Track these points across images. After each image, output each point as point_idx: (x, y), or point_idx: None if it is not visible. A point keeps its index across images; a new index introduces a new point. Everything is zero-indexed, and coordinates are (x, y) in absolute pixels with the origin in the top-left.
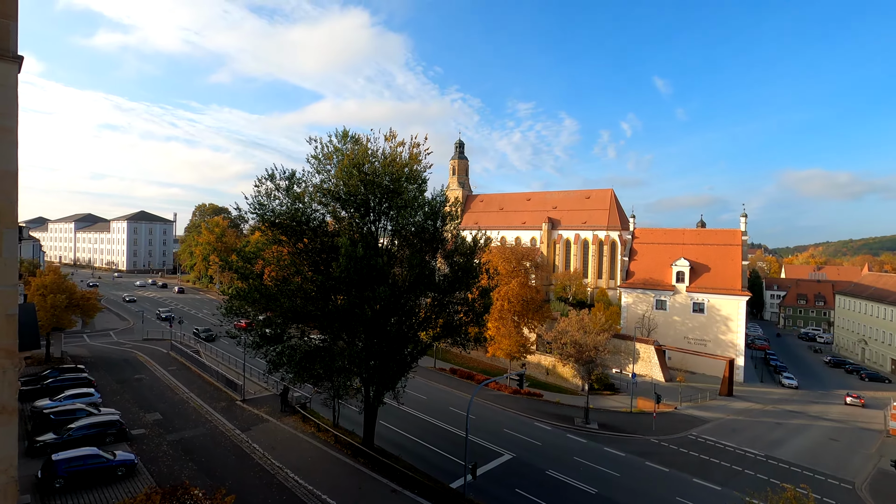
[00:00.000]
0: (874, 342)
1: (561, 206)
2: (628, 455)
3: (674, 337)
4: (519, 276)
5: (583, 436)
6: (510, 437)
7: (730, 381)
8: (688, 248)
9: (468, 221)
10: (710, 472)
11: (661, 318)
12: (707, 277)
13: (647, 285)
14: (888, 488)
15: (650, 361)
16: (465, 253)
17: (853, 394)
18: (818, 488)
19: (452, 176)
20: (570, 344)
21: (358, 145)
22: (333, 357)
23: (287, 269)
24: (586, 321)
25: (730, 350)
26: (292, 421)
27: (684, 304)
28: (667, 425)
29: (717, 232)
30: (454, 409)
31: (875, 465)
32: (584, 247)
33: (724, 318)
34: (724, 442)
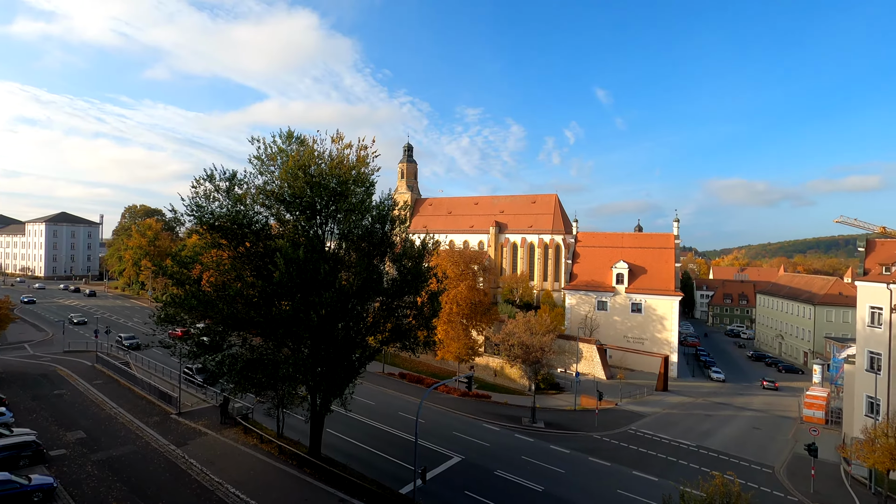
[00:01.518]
0: (789, 337)
1: (508, 210)
2: (573, 452)
3: (614, 336)
4: (467, 280)
5: (530, 435)
6: (459, 440)
7: (665, 376)
8: (626, 252)
9: (417, 225)
10: (648, 464)
11: (603, 318)
12: (644, 279)
13: (589, 287)
14: (802, 470)
15: (593, 360)
16: (413, 257)
17: (766, 379)
18: (743, 474)
19: (401, 179)
20: (518, 345)
21: (303, 146)
22: (277, 365)
23: (227, 273)
24: (532, 323)
25: (665, 347)
26: (233, 433)
27: (623, 305)
28: (608, 421)
29: (653, 236)
30: (404, 413)
31: (791, 450)
32: (531, 250)
33: (659, 318)
34: (661, 435)
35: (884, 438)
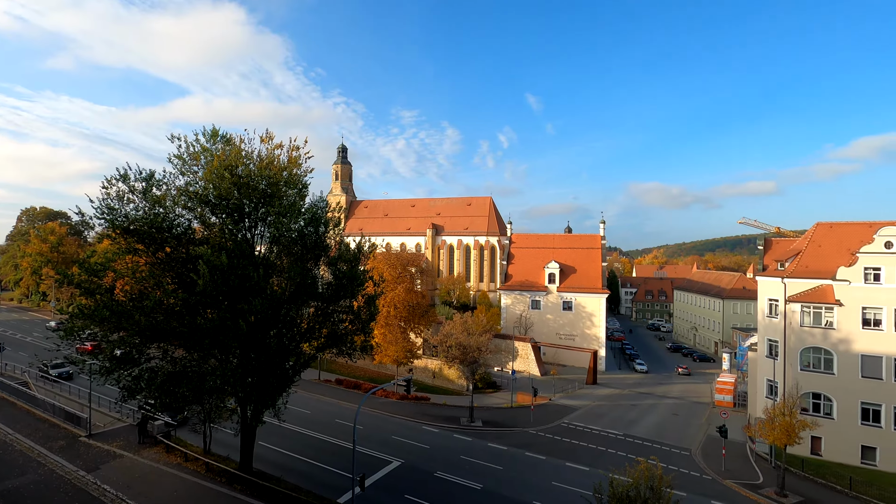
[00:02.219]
0: (702, 328)
1: (444, 212)
2: (510, 448)
3: (547, 334)
4: (405, 282)
5: (468, 434)
6: (399, 444)
7: (594, 370)
8: (557, 252)
9: (352, 228)
10: (580, 455)
11: (537, 316)
12: (574, 278)
13: (523, 287)
14: (715, 451)
15: (528, 358)
16: (349, 260)
17: (681, 366)
18: (664, 458)
19: (335, 181)
20: (455, 346)
21: (230, 146)
22: (203, 377)
23: (145, 281)
24: (469, 323)
25: (594, 343)
26: (154, 453)
27: (556, 303)
28: (543, 416)
29: (582, 237)
30: (341, 420)
31: (705, 433)
32: (467, 252)
33: (588, 315)
34: (591, 426)
35: (781, 417)
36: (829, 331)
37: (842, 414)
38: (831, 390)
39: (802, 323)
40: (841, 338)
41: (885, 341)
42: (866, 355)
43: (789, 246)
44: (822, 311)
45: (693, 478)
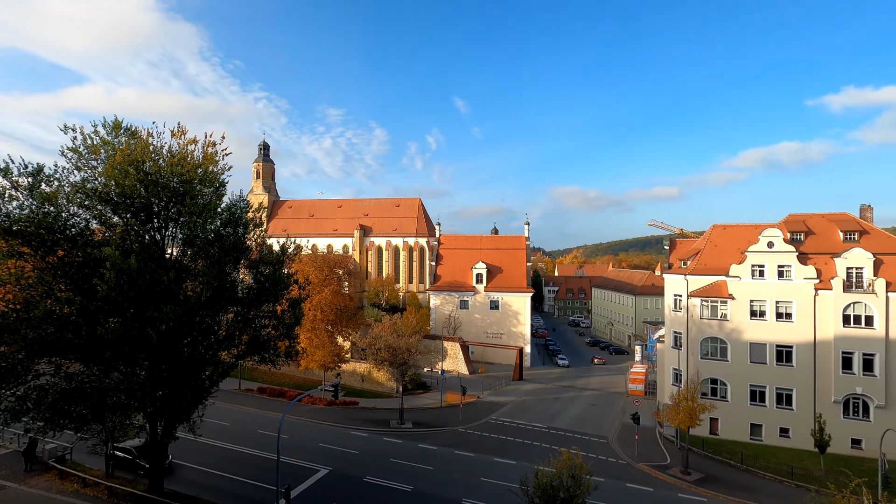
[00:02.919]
0: (617, 323)
1: (372, 213)
2: (440, 448)
3: (475, 333)
4: (332, 285)
5: (399, 436)
6: (326, 451)
7: (520, 367)
8: (485, 253)
9: (276, 229)
10: (507, 449)
11: (465, 316)
12: (500, 278)
13: (452, 287)
14: (629, 437)
15: (457, 357)
16: (272, 262)
17: (597, 358)
18: (585, 447)
19: (257, 180)
20: (385, 349)
21: (136, 139)
22: (105, 393)
23: (32, 289)
24: (399, 325)
25: (520, 340)
26: (44, 481)
27: (483, 303)
28: (472, 414)
29: (507, 238)
30: (264, 431)
31: (620, 420)
32: (396, 253)
33: (514, 313)
34: (518, 421)
35: (685, 402)
36: (724, 322)
37: (735, 396)
38: (726, 375)
39: (702, 316)
40: (733, 328)
41: (768, 330)
42: (754, 343)
43: (691, 246)
44: (718, 305)
45: (610, 463)
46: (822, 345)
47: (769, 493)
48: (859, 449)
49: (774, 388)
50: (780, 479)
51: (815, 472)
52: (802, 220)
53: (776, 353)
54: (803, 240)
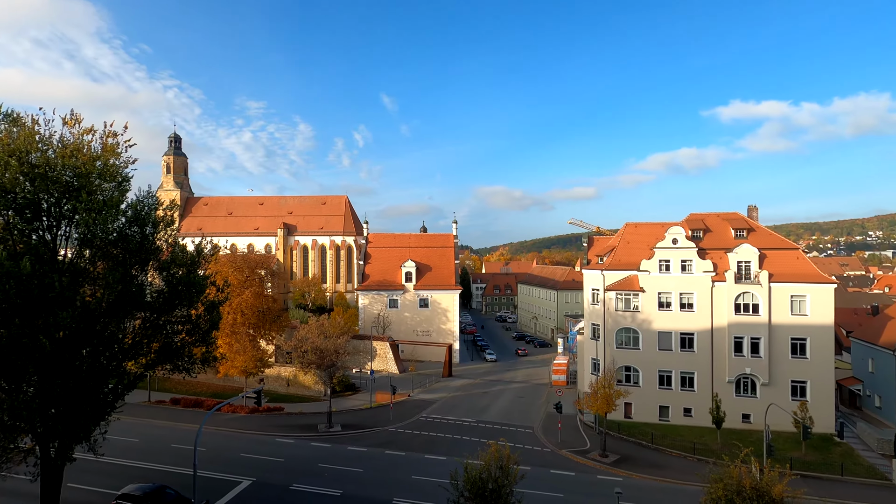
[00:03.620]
0: (542, 317)
1: (297, 211)
2: (370, 449)
3: (405, 331)
4: (253, 286)
5: (327, 440)
6: (249, 461)
7: (449, 363)
8: (414, 251)
9: (190, 227)
10: (438, 446)
11: (395, 315)
12: (429, 276)
13: (381, 286)
14: (553, 425)
15: (386, 357)
16: (185, 264)
17: (520, 349)
18: (512, 438)
19: (167, 175)
20: (311, 351)
21: (18, 126)
22: None
23: None
24: (326, 326)
25: (449, 337)
26: None
27: (413, 301)
28: (402, 413)
29: (436, 236)
30: (179, 445)
31: (545, 411)
32: (322, 252)
33: (443, 311)
34: (448, 417)
35: (602, 389)
36: (636, 314)
37: (645, 382)
38: (638, 363)
39: (617, 308)
40: (644, 319)
41: (674, 320)
42: (661, 332)
43: (606, 243)
44: (631, 298)
45: (536, 452)
46: (717, 331)
47: (675, 468)
48: (749, 423)
49: (679, 373)
50: (684, 455)
51: (712, 445)
52: (701, 218)
53: (680, 340)
54: (702, 237)
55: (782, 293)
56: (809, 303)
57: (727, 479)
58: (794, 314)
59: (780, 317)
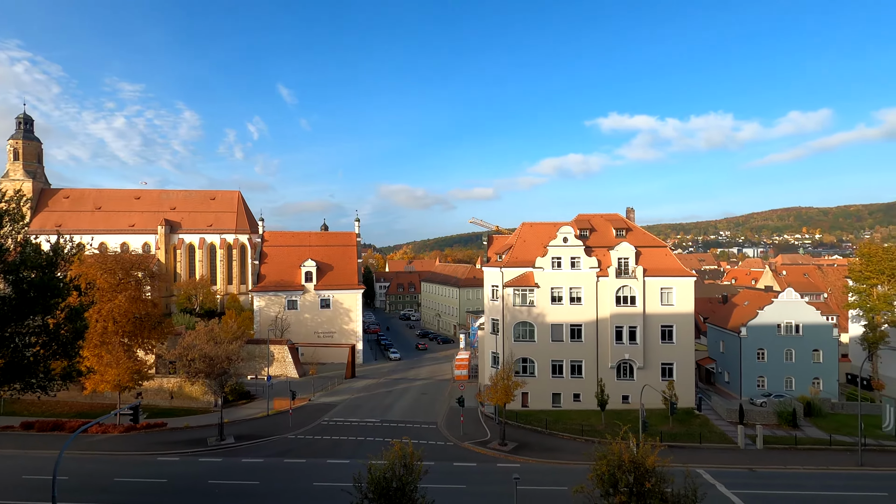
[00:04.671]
0: (444, 314)
1: (182, 206)
2: (268, 459)
3: (305, 333)
4: (128, 290)
5: (218, 454)
6: (126, 486)
7: (352, 364)
8: (314, 250)
9: (46, 223)
10: (340, 449)
11: (294, 317)
12: (331, 275)
13: (278, 287)
14: (455, 420)
15: (285, 361)
16: (39, 265)
17: (420, 344)
18: (416, 435)
19: (14, 162)
20: (199, 359)
21: None
22: None
23: None
24: (217, 331)
25: (352, 337)
26: None
27: (313, 302)
28: (303, 419)
29: (338, 234)
30: (32, 476)
31: (448, 405)
32: (212, 251)
33: (346, 311)
34: (351, 419)
35: (502, 381)
36: (532, 308)
37: (540, 371)
38: (533, 354)
39: (514, 303)
40: (539, 312)
41: (565, 312)
42: (554, 324)
43: (505, 241)
44: (527, 293)
45: (439, 447)
46: (602, 322)
47: (567, 450)
48: (628, 403)
49: (569, 362)
50: (574, 437)
51: (598, 426)
52: (588, 219)
53: (570, 331)
54: (588, 236)
55: (654, 286)
56: (675, 294)
57: (610, 456)
58: (663, 304)
59: (652, 307)
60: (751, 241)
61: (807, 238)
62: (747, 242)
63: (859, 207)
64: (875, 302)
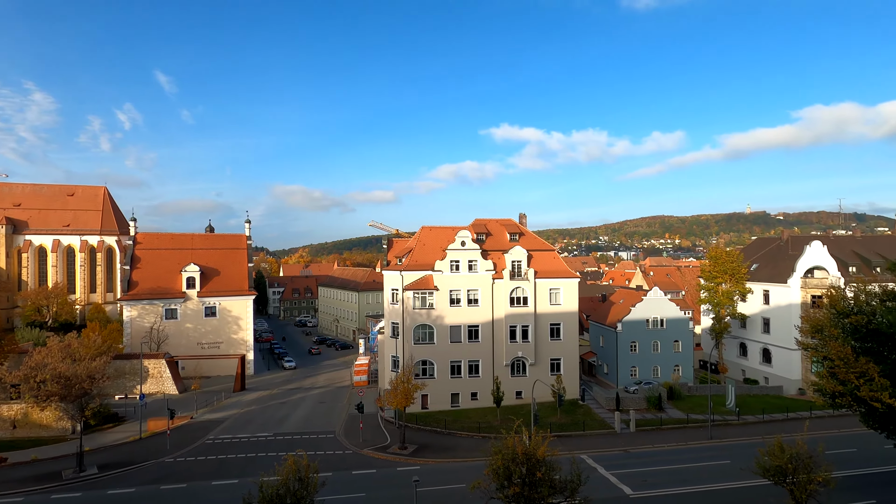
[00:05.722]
0: (343, 319)
1: (29, 203)
2: (140, 488)
3: (187, 345)
4: None
5: (77, 488)
6: None
7: (242, 376)
8: (198, 253)
9: None
10: (228, 469)
11: (173, 327)
12: (217, 281)
13: (154, 295)
14: (354, 427)
15: (162, 377)
16: None
17: (314, 349)
18: (313, 446)
19: None
20: (52, 380)
21: None
22: None
23: None
24: (76, 346)
25: (241, 347)
26: None
27: (196, 310)
28: (183, 439)
29: (225, 236)
30: None
31: (347, 412)
32: (69, 255)
33: (235, 319)
34: (240, 435)
35: (402, 384)
36: (431, 310)
37: (440, 373)
38: (433, 356)
39: (414, 306)
40: (438, 315)
41: (463, 314)
42: (453, 326)
43: (405, 245)
44: (427, 296)
45: (338, 456)
46: (497, 322)
47: (465, 448)
48: (521, 398)
49: (467, 362)
50: (471, 434)
51: (494, 422)
52: (484, 224)
53: (468, 332)
54: (485, 240)
55: (544, 287)
56: (563, 294)
57: (504, 450)
58: (552, 304)
59: (542, 307)
60: (625, 245)
61: (669, 243)
62: (622, 246)
63: (708, 217)
64: (720, 298)
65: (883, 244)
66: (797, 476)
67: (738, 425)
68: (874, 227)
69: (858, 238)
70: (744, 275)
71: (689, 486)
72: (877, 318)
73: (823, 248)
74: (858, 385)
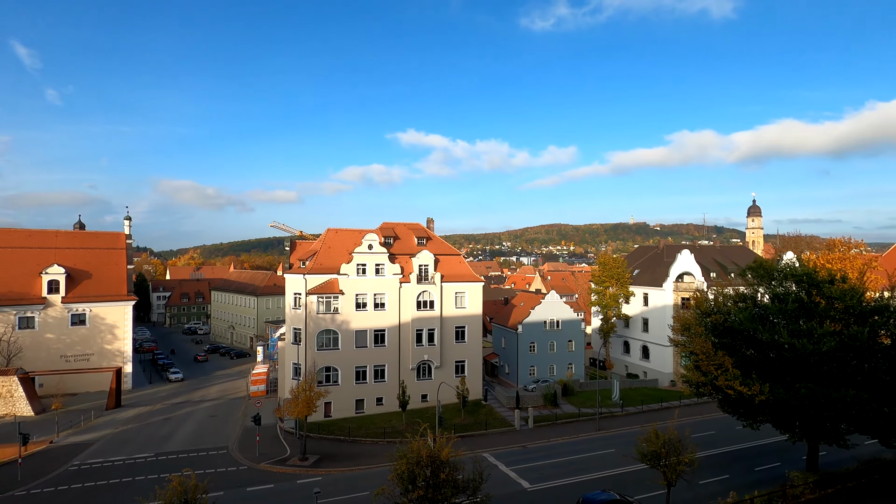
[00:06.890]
0: (239, 326)
1: None
2: None
3: (48, 359)
4: None
5: None
6: None
7: (117, 391)
8: (63, 253)
9: None
10: (96, 499)
11: (29, 338)
12: (88, 285)
13: (4, 301)
14: (250, 440)
15: (12, 396)
16: None
17: (199, 355)
18: (201, 464)
19: None
20: None
21: None
22: None
23: None
24: None
25: (117, 359)
26: None
27: (61, 318)
28: (40, 467)
29: (100, 235)
30: None
31: (242, 425)
32: None
33: (109, 327)
34: (114, 458)
35: (304, 393)
36: (336, 315)
37: (344, 379)
38: (337, 362)
39: (318, 311)
40: (343, 320)
41: (369, 318)
42: (359, 330)
43: (309, 247)
44: (331, 300)
45: (231, 473)
46: (404, 326)
47: (370, 455)
48: (427, 401)
49: (373, 366)
50: (376, 440)
51: (399, 427)
52: (392, 227)
53: (374, 336)
54: (392, 243)
55: (450, 291)
56: (468, 297)
57: (409, 454)
58: (457, 307)
59: (448, 310)
60: (526, 251)
61: (565, 249)
62: (524, 252)
63: (598, 226)
64: (608, 300)
65: (736, 253)
66: (668, 459)
67: (621, 416)
68: (729, 239)
69: (718, 248)
70: (627, 279)
71: (580, 476)
72: (731, 317)
73: (691, 257)
74: (717, 375)
